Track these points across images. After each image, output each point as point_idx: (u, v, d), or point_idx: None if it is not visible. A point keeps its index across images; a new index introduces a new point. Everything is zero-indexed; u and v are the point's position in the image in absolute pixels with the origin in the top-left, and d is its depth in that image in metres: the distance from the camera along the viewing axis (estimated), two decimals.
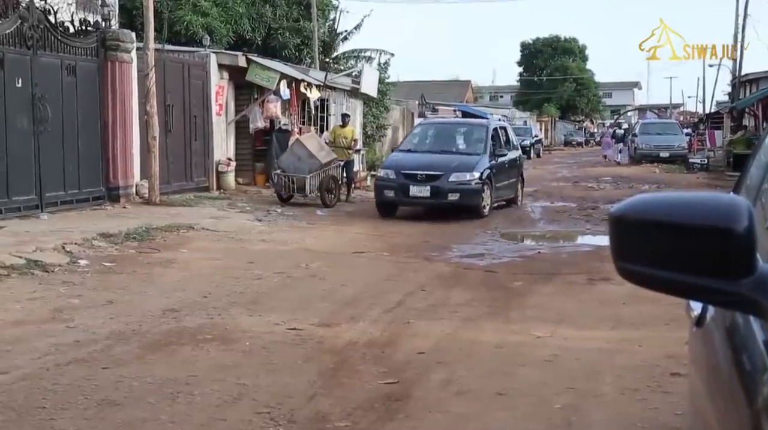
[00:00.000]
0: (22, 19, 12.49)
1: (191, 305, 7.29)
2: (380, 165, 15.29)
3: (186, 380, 5.13)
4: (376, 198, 15.01)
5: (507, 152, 16.28)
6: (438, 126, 17.66)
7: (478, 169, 14.62)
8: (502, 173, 15.77)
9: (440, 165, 14.57)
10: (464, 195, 14.32)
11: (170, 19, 21.86)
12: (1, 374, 5.13)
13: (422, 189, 14.28)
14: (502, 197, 15.92)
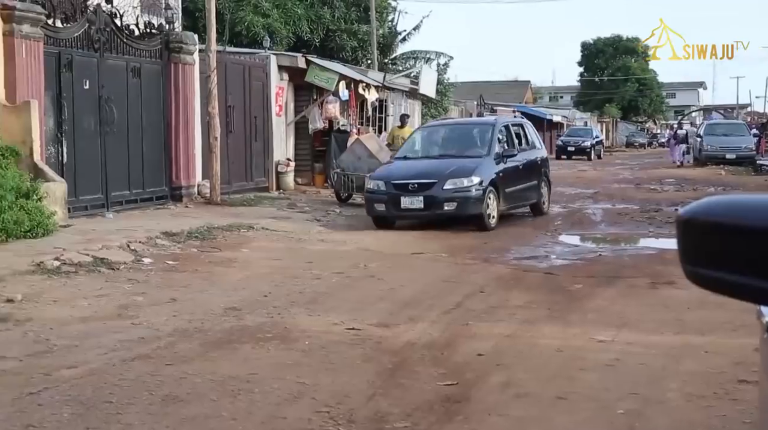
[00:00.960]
0: (90, 22, 12.80)
1: (252, 304, 7.37)
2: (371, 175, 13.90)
3: (247, 377, 5.19)
4: (367, 212, 13.50)
5: (518, 153, 14.29)
6: (438, 129, 15.64)
7: (478, 174, 12.87)
8: (516, 177, 13.91)
9: (434, 172, 12.94)
10: (462, 204, 12.62)
11: (231, 20, 22.15)
12: (71, 368, 5.26)
13: (414, 200, 12.67)
14: (517, 204, 14.28)
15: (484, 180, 12.82)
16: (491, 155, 13.49)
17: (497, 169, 13.35)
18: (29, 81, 11.36)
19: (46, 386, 4.89)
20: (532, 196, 14.74)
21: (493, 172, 13.20)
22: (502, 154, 13.63)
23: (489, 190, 12.82)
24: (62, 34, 12.33)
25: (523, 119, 16.79)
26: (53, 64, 12.07)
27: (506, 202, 13.46)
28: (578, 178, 27.40)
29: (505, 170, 13.54)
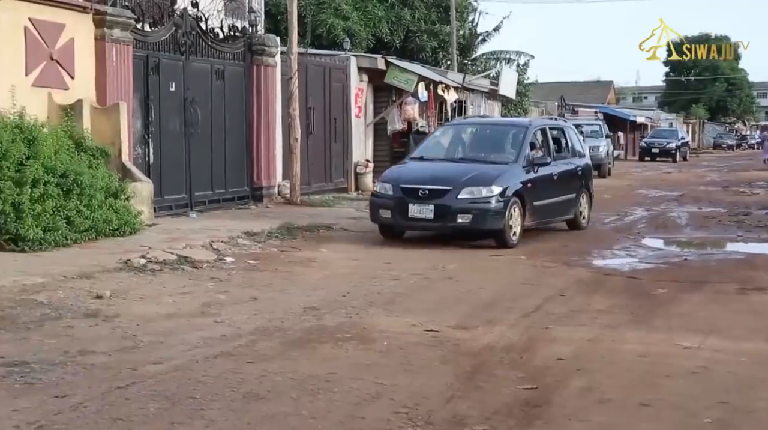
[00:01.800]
0: (177, 26, 13.12)
1: (330, 304, 7.43)
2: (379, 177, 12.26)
3: (326, 377, 5.23)
4: (371, 218, 11.78)
5: (552, 160, 12.33)
6: (464, 128, 13.60)
7: (501, 183, 11.11)
8: (548, 188, 12.14)
9: (449, 177, 11.25)
10: (479, 217, 10.89)
11: (313, 23, 22.40)
12: (156, 364, 5.40)
13: (424, 209, 10.93)
14: (548, 219, 12.48)
15: (508, 190, 11.13)
16: (519, 162, 11.72)
17: (525, 179, 11.60)
18: (119, 84, 11.70)
19: (133, 380, 5.02)
20: (567, 211, 12.85)
21: (519, 182, 11.45)
22: (533, 162, 11.85)
23: (512, 201, 11.11)
24: (150, 38, 12.67)
25: (564, 122, 14.69)
26: (141, 67, 12.40)
27: (534, 216, 11.71)
28: (662, 181, 26.79)
29: (536, 180, 11.78)
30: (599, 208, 17.03)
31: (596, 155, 28.92)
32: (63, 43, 10.86)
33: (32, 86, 10.44)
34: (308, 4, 22.34)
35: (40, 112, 10.41)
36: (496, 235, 11.11)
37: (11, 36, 9.98)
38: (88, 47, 11.32)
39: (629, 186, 24.24)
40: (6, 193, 8.95)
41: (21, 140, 9.33)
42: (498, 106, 27.00)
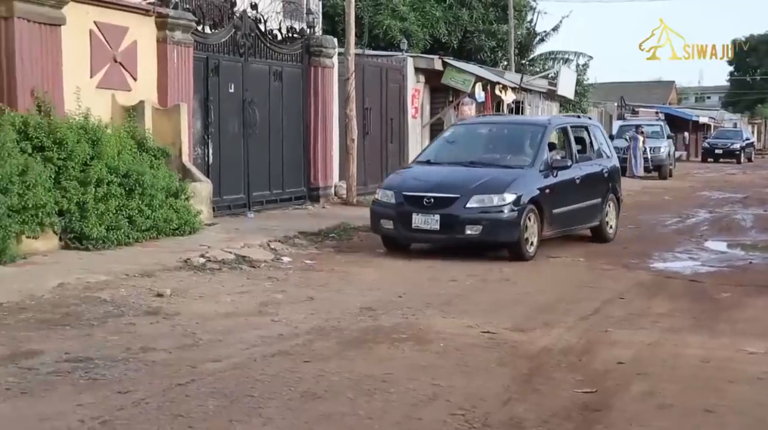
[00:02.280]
0: (236, 28, 13.28)
1: (387, 305, 7.44)
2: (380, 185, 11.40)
3: (382, 377, 5.23)
4: (372, 229, 10.84)
5: (574, 163, 11.19)
6: (476, 128, 12.40)
7: (515, 189, 10.03)
8: (569, 194, 10.95)
9: (457, 184, 10.16)
10: (490, 228, 9.85)
11: (370, 24, 22.46)
12: (215, 362, 5.46)
13: (429, 219, 9.90)
14: (569, 228, 11.31)
15: (523, 197, 10.04)
16: (536, 166, 10.60)
17: (543, 184, 10.49)
18: (179, 85, 11.89)
19: (193, 378, 5.09)
20: (591, 218, 11.65)
21: (536, 188, 10.35)
22: (552, 165, 10.72)
23: (528, 210, 10.05)
24: (210, 40, 12.85)
25: (589, 120, 13.59)
26: (201, 68, 12.58)
27: (552, 225, 10.61)
28: (726, 182, 26.22)
29: (555, 185, 10.64)
30: (660, 210, 16.74)
31: (657, 156, 28.49)
32: (126, 46, 11.07)
33: (96, 88, 10.67)
34: (366, 5, 22.41)
35: (104, 113, 10.63)
36: (510, 247, 10.08)
37: (77, 39, 10.22)
38: (150, 49, 11.53)
39: (691, 188, 23.79)
40: (71, 192, 9.16)
41: (86, 141, 9.55)
42: (556, 107, 26.74)
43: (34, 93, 9.41)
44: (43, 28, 9.52)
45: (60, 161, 9.17)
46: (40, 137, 9.08)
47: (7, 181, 8.12)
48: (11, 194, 8.15)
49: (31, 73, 9.38)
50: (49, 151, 9.10)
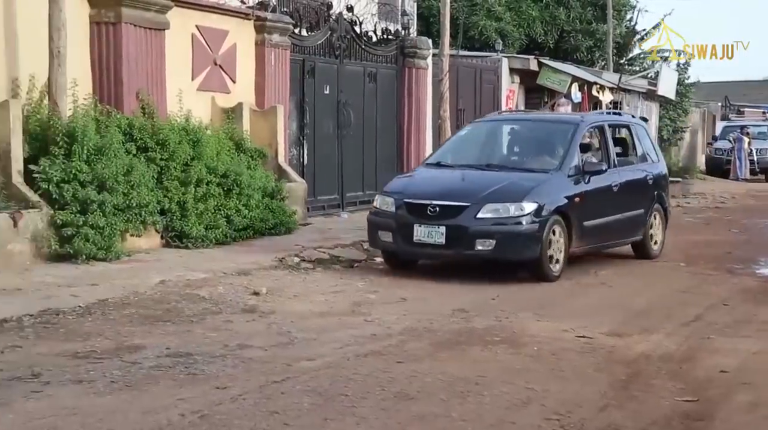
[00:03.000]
0: (332, 30, 13.44)
1: (480, 307, 7.39)
2: (381, 190, 9.85)
3: (476, 379, 5.20)
4: (369, 242, 9.47)
5: (609, 168, 9.66)
6: (496, 126, 10.67)
7: (536, 197, 8.61)
8: (604, 203, 9.49)
9: (469, 190, 8.80)
10: (505, 242, 8.43)
11: (465, 24, 22.37)
12: (309, 360, 5.53)
13: (433, 231, 8.51)
14: (603, 243, 9.77)
15: (546, 207, 8.63)
16: (564, 170, 9.12)
17: (572, 192, 9.05)
18: (276, 87, 12.11)
19: (288, 375, 5.17)
20: (632, 232, 10.12)
21: (563, 196, 8.93)
22: (584, 169, 9.24)
23: (553, 221, 8.64)
24: (307, 42, 13.04)
25: (632, 119, 11.83)
26: (298, 70, 12.78)
27: (583, 239, 9.14)
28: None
29: (587, 193, 9.19)
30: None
31: (764, 158, 27.49)
32: (226, 49, 11.34)
33: (197, 90, 10.96)
34: (461, 6, 22.33)
35: (204, 115, 10.91)
36: (529, 266, 8.69)
37: (180, 43, 10.52)
38: (248, 52, 11.78)
39: None
40: (173, 192, 9.44)
41: (186, 142, 9.82)
42: (656, 108, 26.06)
43: (139, 95, 9.74)
44: (149, 33, 9.84)
45: (162, 162, 9.45)
46: (144, 138, 9.38)
47: (113, 180, 8.42)
48: (117, 193, 8.45)
49: (136, 76, 9.70)
50: (153, 152, 9.39)
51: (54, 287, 7.19)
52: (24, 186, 8.17)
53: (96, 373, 5.06)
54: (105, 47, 9.49)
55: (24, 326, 6.10)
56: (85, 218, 8.22)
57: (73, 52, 8.78)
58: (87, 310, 6.64)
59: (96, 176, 8.35)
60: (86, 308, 6.66)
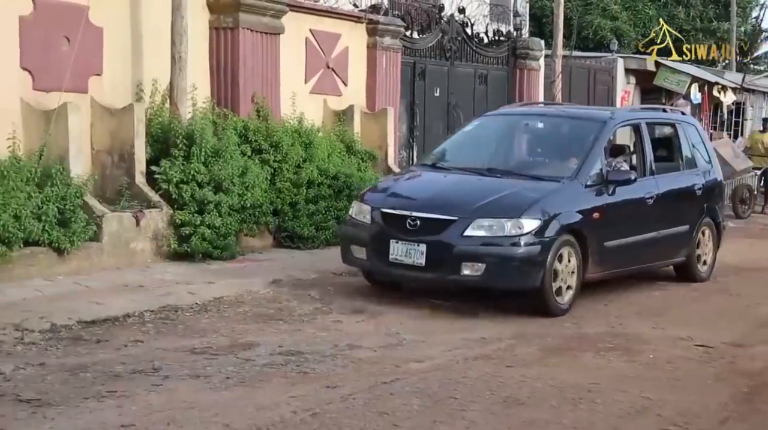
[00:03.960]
0: (443, 32, 13.44)
1: (590, 312, 7.25)
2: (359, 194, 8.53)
3: (588, 387, 5.09)
4: (342, 258, 7.80)
5: (644, 175, 8.15)
6: (508, 121, 8.90)
7: (538, 212, 7.04)
8: (634, 218, 7.97)
9: (458, 200, 7.25)
10: (497, 267, 6.88)
11: (579, 24, 21.99)
12: (418, 362, 5.54)
13: (411, 249, 7.00)
14: (632, 267, 8.15)
15: (552, 224, 7.04)
16: (581, 178, 7.50)
17: (589, 205, 7.45)
18: (387, 89, 12.18)
19: (397, 377, 5.18)
20: (673, 252, 8.58)
21: (577, 210, 7.35)
22: (608, 178, 7.64)
23: (561, 242, 7.06)
24: (418, 45, 13.08)
25: (680, 116, 9.83)
26: (408, 73, 12.83)
27: (603, 264, 7.57)
28: None
29: (610, 207, 7.60)
30: None
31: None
32: (338, 52, 11.48)
33: (310, 93, 11.13)
34: (575, 5, 21.95)
35: (316, 117, 11.08)
36: (529, 296, 7.13)
37: (294, 46, 10.72)
38: (360, 55, 11.89)
39: None
40: (285, 193, 9.63)
41: (299, 144, 9.99)
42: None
43: (254, 99, 9.97)
44: (264, 37, 10.06)
45: (276, 163, 9.65)
46: (259, 140, 9.60)
47: (229, 181, 8.66)
48: (232, 194, 8.67)
49: (252, 79, 9.94)
50: (266, 154, 9.60)
51: (173, 284, 7.45)
52: (146, 186, 8.49)
53: (212, 368, 5.20)
54: (223, 52, 9.77)
55: (145, 322, 6.34)
56: (202, 218, 8.48)
57: (193, 57, 9.07)
58: (203, 307, 6.84)
59: (213, 177, 8.59)
60: (203, 305, 6.87)
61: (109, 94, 8.64)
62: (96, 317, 6.24)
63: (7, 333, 5.67)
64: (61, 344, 5.63)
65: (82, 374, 4.99)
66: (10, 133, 7.61)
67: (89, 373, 5.02)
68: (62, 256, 7.43)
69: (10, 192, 7.14)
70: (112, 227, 7.92)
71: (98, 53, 8.51)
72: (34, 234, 7.16)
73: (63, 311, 6.25)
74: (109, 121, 8.49)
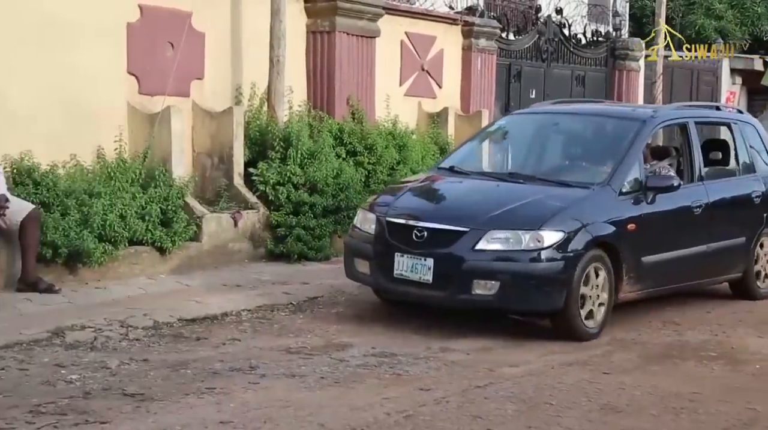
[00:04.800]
0: (540, 33, 13.30)
1: (693, 319, 7.04)
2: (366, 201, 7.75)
3: (689, 396, 4.94)
4: (345, 272, 7.02)
5: (681, 182, 7.04)
6: (537, 119, 8.10)
7: (561, 223, 6.21)
8: (678, 230, 7.10)
9: (472, 208, 6.49)
10: (512, 286, 6.10)
11: (681, 24, 21.37)
12: (512, 367, 5.48)
13: (417, 264, 6.25)
14: (679, 284, 7.28)
15: (577, 237, 6.20)
16: (614, 184, 6.64)
17: (623, 215, 6.59)
18: (482, 91, 12.11)
19: (491, 381, 5.14)
20: (726, 267, 7.69)
21: (609, 220, 6.49)
22: (646, 185, 6.79)
23: (589, 258, 6.24)
24: (513, 46, 12.97)
25: (738, 114, 8.74)
26: (504, 74, 12.73)
27: (640, 281, 6.72)
28: None
29: (647, 218, 6.73)
30: None
31: None
32: (433, 54, 11.48)
33: (404, 95, 11.17)
34: (677, 5, 21.35)
35: (410, 119, 11.11)
36: (551, 318, 6.38)
37: (389, 49, 10.77)
38: (455, 57, 11.86)
39: None
40: None
41: (393, 146, 10.03)
42: None
43: (349, 101, 10.07)
44: (360, 40, 10.15)
45: (370, 165, 9.71)
46: (353, 143, 9.68)
47: (323, 183, 8.76)
48: (327, 196, 8.77)
49: (347, 82, 10.03)
50: (361, 156, 9.67)
51: (269, 284, 7.58)
52: (244, 188, 8.68)
53: (307, 368, 5.27)
54: (319, 55, 9.89)
55: (242, 320, 6.47)
56: (297, 219, 8.60)
57: (290, 60, 9.22)
58: (298, 307, 6.94)
59: (308, 179, 8.71)
60: (297, 306, 6.97)
61: (209, 97, 8.87)
62: (196, 315, 6.41)
63: (113, 330, 5.88)
64: (163, 341, 5.81)
65: (183, 371, 5.13)
66: (116, 135, 7.89)
67: (189, 370, 5.16)
68: (164, 255, 7.67)
69: (117, 193, 7.42)
70: (211, 228, 8.12)
71: (200, 58, 8.75)
72: (138, 233, 7.42)
73: (165, 309, 6.44)
74: (210, 124, 8.71)
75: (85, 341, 5.63)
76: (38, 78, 7.43)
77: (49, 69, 7.49)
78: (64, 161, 7.49)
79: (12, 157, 7.16)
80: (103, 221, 7.11)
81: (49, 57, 7.48)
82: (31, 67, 7.38)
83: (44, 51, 7.45)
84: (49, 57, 7.48)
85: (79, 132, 7.68)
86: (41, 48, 7.43)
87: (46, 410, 4.36)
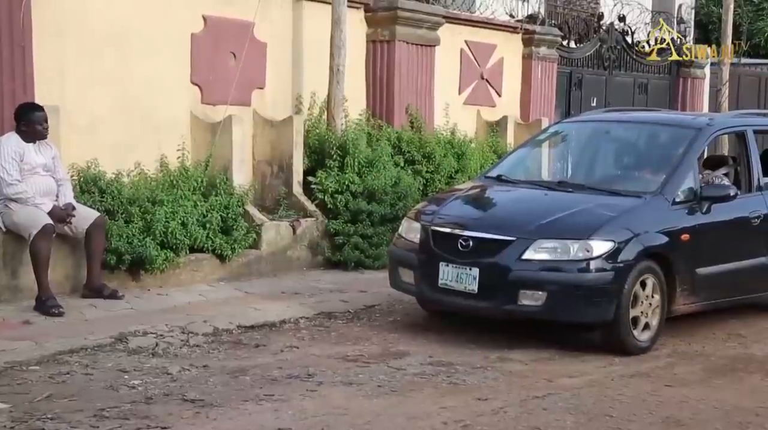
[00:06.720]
0: (602, 41, 13.16)
1: (760, 331, 6.88)
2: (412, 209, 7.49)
3: (756, 410, 4.83)
4: (390, 282, 6.95)
5: (736, 192, 6.71)
6: (589, 127, 7.92)
7: (612, 233, 6.04)
8: (736, 241, 6.87)
9: (519, 217, 6.37)
10: (560, 297, 5.95)
11: (749, 31, 20.91)
12: (570, 377, 5.41)
13: (462, 274, 6.14)
14: (735, 297, 7.03)
15: (629, 247, 6.03)
16: (668, 194, 6.46)
17: (677, 225, 6.40)
18: (542, 100, 12.02)
19: (550, 391, 5.08)
20: None
21: (661, 231, 6.31)
22: (702, 195, 6.57)
23: (641, 269, 6.08)
24: (575, 54, 12.85)
25: None
26: (564, 82, 12.61)
27: (696, 294, 6.53)
28: None
29: (703, 228, 6.50)
30: None
31: None
32: (493, 63, 11.43)
33: (463, 104, 11.14)
34: (745, 12, 20.89)
35: (469, 128, 11.08)
36: (601, 330, 6.17)
37: (448, 58, 10.76)
38: (515, 65, 11.79)
39: None
40: None
41: (451, 155, 10.01)
42: None
43: (408, 110, 10.08)
44: (420, 49, 10.16)
45: (428, 174, 9.70)
46: (412, 151, 9.68)
47: (381, 192, 8.77)
48: (384, 204, 8.78)
49: (406, 91, 10.05)
50: (419, 165, 9.67)
51: (326, 292, 7.62)
52: (302, 196, 8.74)
53: (364, 376, 5.28)
54: (379, 64, 9.94)
55: (300, 328, 6.52)
56: (355, 228, 8.63)
57: (350, 69, 9.27)
58: (356, 315, 6.96)
59: (366, 187, 8.74)
60: (355, 314, 6.98)
61: (270, 106, 8.98)
62: (255, 322, 6.47)
63: (174, 336, 5.98)
64: (222, 348, 5.88)
65: (242, 377, 5.18)
66: (179, 144, 8.04)
67: (248, 376, 5.21)
68: (224, 262, 7.77)
69: (179, 200, 7.54)
70: (270, 235, 8.20)
71: (261, 67, 8.86)
72: (199, 241, 7.53)
73: (224, 316, 6.53)
74: (270, 132, 8.81)
75: (147, 347, 5.73)
76: (109, 88, 7.61)
77: (119, 79, 7.67)
78: (129, 170, 7.66)
79: (79, 165, 7.34)
80: (165, 229, 7.24)
81: (120, 68, 7.66)
82: (103, 78, 7.56)
83: (117, 62, 7.64)
84: (121, 68, 7.66)
85: (143, 141, 7.85)
86: (113, 59, 7.62)
87: (109, 415, 4.45)
